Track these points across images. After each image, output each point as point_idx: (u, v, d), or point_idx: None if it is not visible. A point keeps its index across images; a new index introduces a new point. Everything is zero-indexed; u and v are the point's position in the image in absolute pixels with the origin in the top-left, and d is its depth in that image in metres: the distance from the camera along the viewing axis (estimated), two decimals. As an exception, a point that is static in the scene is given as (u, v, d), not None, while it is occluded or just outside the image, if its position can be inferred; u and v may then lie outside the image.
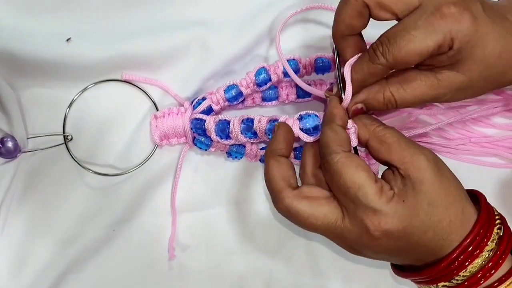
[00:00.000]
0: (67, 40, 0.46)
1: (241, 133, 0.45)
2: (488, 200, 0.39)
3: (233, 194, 0.50)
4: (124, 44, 0.47)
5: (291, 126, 0.42)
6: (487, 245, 0.36)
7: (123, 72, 0.48)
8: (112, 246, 0.49)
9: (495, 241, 0.36)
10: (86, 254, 0.48)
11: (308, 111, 0.43)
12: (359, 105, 0.40)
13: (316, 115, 0.42)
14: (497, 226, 0.37)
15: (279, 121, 0.43)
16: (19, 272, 0.47)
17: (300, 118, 0.42)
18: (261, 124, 0.44)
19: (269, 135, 0.44)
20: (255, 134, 0.45)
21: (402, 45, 0.36)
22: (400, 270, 0.41)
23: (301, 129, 0.42)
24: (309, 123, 0.42)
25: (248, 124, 0.45)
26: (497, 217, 0.38)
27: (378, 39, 0.38)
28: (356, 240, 0.38)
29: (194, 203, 0.50)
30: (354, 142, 0.40)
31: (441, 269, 0.37)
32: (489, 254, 0.36)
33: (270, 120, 0.44)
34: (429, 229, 0.37)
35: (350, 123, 0.40)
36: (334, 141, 0.38)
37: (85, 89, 0.48)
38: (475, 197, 0.39)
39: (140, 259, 0.49)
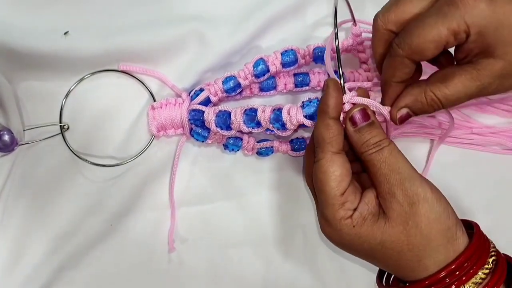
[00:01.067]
0: (65, 34, 0.46)
1: (244, 123, 0.45)
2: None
3: (232, 187, 0.50)
4: (121, 37, 0.47)
5: (295, 114, 0.42)
6: (476, 273, 0.36)
7: (120, 63, 0.48)
8: (110, 241, 0.49)
9: (487, 271, 0.36)
10: (83, 248, 0.48)
11: (310, 97, 0.43)
12: (404, 111, 0.41)
13: (318, 100, 0.42)
14: (491, 257, 0.37)
15: (283, 109, 0.43)
16: (15, 266, 0.48)
17: (303, 106, 0.43)
18: (265, 113, 0.44)
19: (273, 124, 0.44)
20: (258, 124, 0.45)
21: (415, 33, 0.37)
22: (383, 282, 0.42)
23: (305, 116, 0.43)
24: (312, 109, 0.42)
25: (251, 114, 0.45)
26: (492, 250, 0.38)
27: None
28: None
29: (192, 197, 0.50)
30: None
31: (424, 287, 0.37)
32: (480, 282, 0.36)
33: (274, 109, 0.44)
34: (371, 258, 0.39)
35: (347, 105, 0.40)
36: (324, 138, 0.38)
37: (82, 79, 0.48)
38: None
39: (138, 253, 0.49)
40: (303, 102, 0.43)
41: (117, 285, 0.49)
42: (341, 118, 0.40)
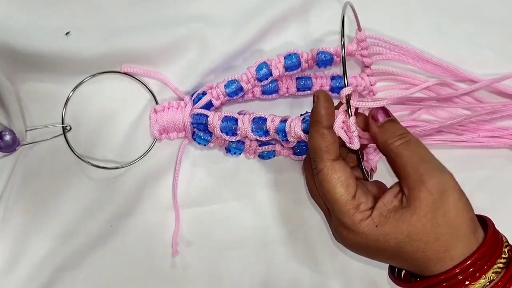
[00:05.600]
0: (66, 34, 0.46)
1: (252, 131, 0.45)
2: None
3: (233, 189, 0.50)
4: (122, 38, 0.46)
5: (293, 127, 0.43)
6: (495, 263, 0.36)
7: (122, 65, 0.48)
8: (111, 242, 0.49)
9: (504, 261, 0.37)
10: (84, 249, 0.48)
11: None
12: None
13: None
14: (506, 247, 0.37)
15: (287, 121, 0.43)
16: (15, 265, 0.47)
17: (303, 119, 0.43)
18: (274, 123, 0.44)
19: (279, 134, 0.44)
20: (266, 133, 0.45)
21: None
22: (396, 277, 0.42)
23: (303, 130, 0.43)
24: None
25: (259, 122, 0.45)
26: (505, 242, 0.38)
27: None
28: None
29: (193, 198, 0.50)
30: (356, 145, 0.40)
31: (451, 277, 0.37)
32: (499, 271, 0.36)
33: (281, 120, 0.44)
34: (397, 256, 0.38)
35: (353, 125, 0.39)
36: (321, 147, 0.39)
37: (83, 81, 0.48)
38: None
39: (139, 255, 0.49)
40: (304, 115, 0.43)
41: (117, 286, 0.49)
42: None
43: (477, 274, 0.36)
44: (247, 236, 0.50)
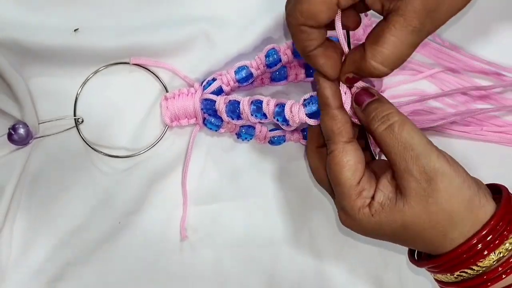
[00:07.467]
0: (75, 31, 0.46)
1: (252, 114, 0.45)
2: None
3: (241, 186, 0.50)
4: (130, 37, 0.47)
5: (297, 112, 0.42)
6: (508, 237, 0.36)
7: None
8: (119, 238, 0.49)
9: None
10: (92, 244, 0.49)
11: (312, 93, 0.43)
12: (350, 75, 0.38)
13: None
14: None
15: (285, 106, 0.43)
16: (24, 259, 0.48)
17: (304, 104, 0.43)
18: (269, 106, 0.44)
19: (277, 118, 0.44)
20: (265, 115, 0.45)
21: None
22: (416, 259, 0.42)
23: (307, 115, 0.43)
24: (314, 107, 0.42)
25: (257, 105, 0.45)
26: None
27: None
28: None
29: (200, 197, 0.50)
30: (348, 105, 0.40)
31: (453, 258, 0.37)
32: (503, 255, 0.36)
33: (277, 104, 0.44)
34: (396, 240, 0.39)
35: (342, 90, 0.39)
36: (333, 130, 0.38)
37: (96, 71, 0.48)
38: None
39: (146, 251, 0.49)
40: (304, 99, 0.43)
41: (124, 283, 0.49)
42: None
43: (486, 251, 0.36)
44: (253, 234, 0.50)
